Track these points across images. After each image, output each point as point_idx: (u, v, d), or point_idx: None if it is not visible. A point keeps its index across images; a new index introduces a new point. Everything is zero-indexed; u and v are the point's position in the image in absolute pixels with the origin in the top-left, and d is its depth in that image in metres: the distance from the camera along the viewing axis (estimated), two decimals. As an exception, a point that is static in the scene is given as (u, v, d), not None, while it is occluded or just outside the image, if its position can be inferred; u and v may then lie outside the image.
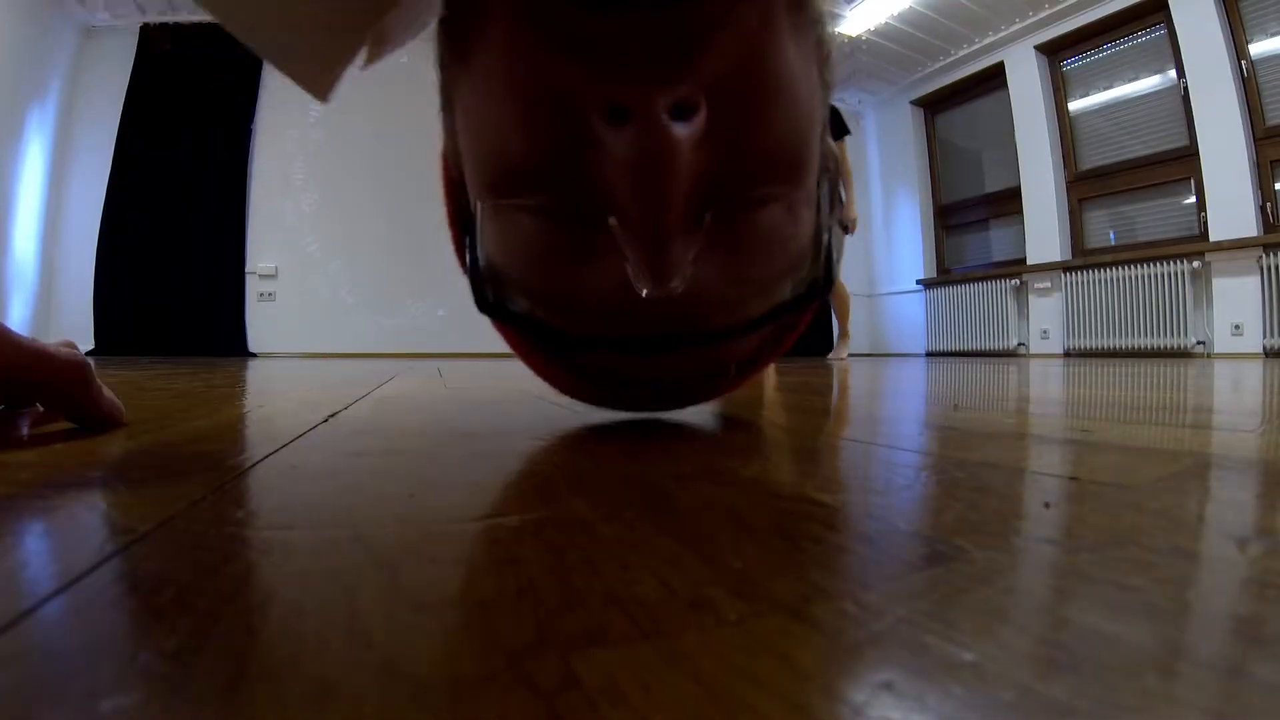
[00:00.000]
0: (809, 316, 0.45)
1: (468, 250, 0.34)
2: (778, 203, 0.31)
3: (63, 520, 0.19)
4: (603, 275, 0.31)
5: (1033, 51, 3.85)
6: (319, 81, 0.33)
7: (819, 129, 0.33)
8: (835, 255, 0.36)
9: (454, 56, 0.30)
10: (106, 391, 0.38)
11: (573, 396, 0.46)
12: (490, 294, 0.34)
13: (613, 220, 0.28)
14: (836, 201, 0.38)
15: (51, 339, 0.37)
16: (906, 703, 0.09)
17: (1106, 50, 3.64)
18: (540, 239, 0.31)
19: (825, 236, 0.35)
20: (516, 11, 0.26)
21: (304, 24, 0.30)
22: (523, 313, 0.35)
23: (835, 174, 0.40)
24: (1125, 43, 3.55)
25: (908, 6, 3.72)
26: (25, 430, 0.36)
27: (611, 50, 0.24)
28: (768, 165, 0.30)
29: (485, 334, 0.36)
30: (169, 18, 3.67)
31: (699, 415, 0.49)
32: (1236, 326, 3.12)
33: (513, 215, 0.31)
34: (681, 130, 0.25)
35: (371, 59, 0.32)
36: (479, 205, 0.32)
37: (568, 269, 0.31)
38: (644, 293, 0.29)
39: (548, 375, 0.44)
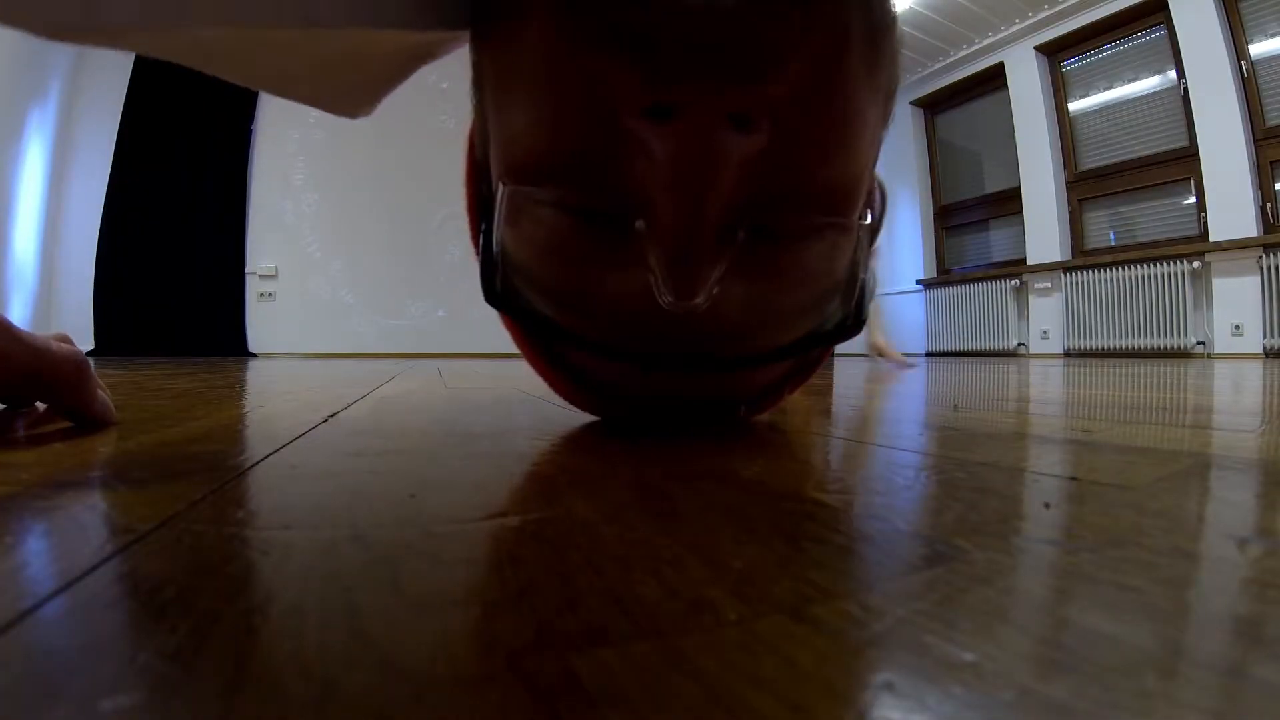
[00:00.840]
0: (825, 357, 0.44)
1: (482, 237, 0.33)
2: (818, 233, 0.30)
3: (63, 520, 0.19)
4: (622, 280, 0.30)
5: (1033, 52, 3.84)
6: (360, 110, 0.33)
7: (874, 164, 0.32)
8: (868, 296, 0.34)
9: (490, 35, 0.29)
10: (100, 390, 0.38)
11: (573, 403, 0.45)
12: (499, 284, 0.33)
13: (640, 224, 0.28)
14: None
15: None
16: (907, 703, 0.09)
17: (1106, 51, 3.64)
18: (561, 233, 0.30)
19: (860, 276, 0.33)
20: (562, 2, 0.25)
21: (353, 80, 0.30)
22: (530, 308, 0.34)
23: (881, 212, 0.38)
24: (1125, 43, 3.55)
25: (908, 7, 3.72)
26: (22, 430, 0.36)
27: (674, 48, 0.23)
28: (820, 196, 0.29)
29: (485, 335, 0.35)
30: (169, 18, 3.68)
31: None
32: (1236, 327, 3.12)
33: (535, 206, 0.30)
34: (734, 140, 0.24)
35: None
36: (501, 188, 0.31)
37: (587, 268, 0.30)
38: (665, 304, 0.28)
39: (551, 379, 0.43)
